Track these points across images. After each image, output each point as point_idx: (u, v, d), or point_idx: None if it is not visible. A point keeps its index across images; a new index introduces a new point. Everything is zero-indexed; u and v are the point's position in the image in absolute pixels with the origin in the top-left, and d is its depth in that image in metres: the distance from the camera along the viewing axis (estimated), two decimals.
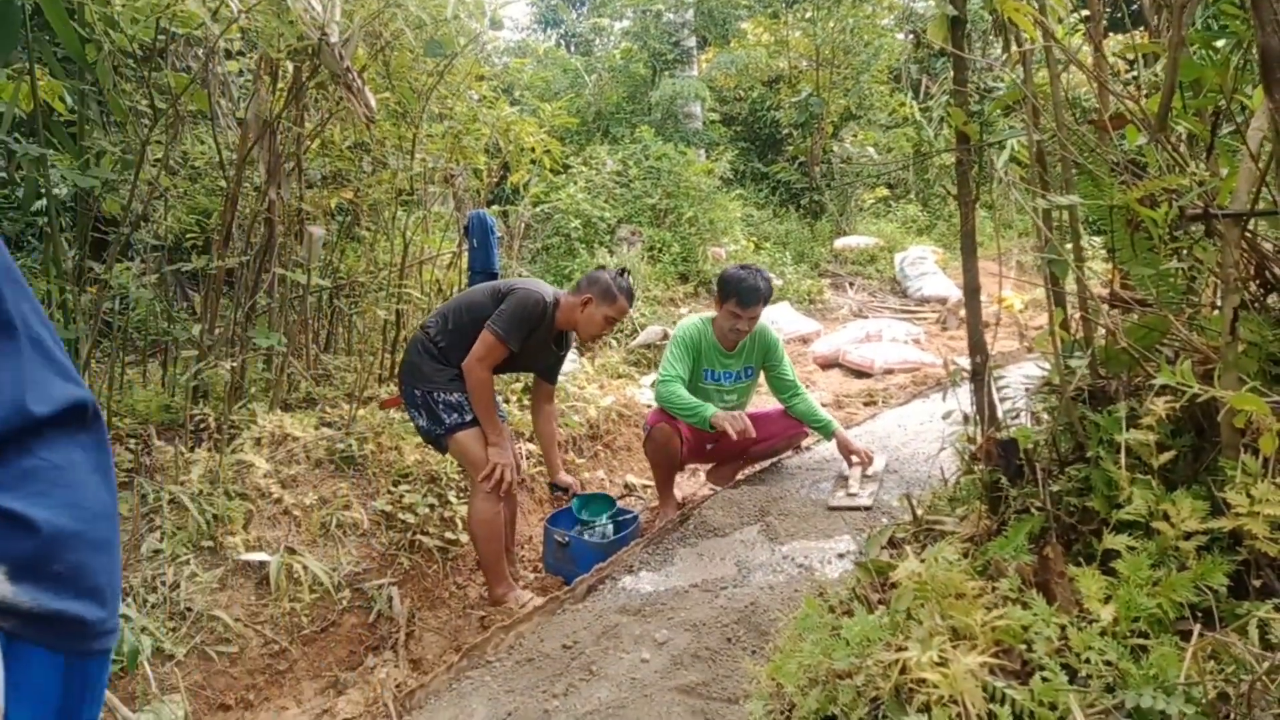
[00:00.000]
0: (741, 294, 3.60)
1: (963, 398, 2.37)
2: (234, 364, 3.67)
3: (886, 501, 3.55)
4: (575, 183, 8.76)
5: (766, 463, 4.18)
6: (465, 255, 4.63)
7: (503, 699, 2.48)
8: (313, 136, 4.24)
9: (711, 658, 2.56)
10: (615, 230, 8.60)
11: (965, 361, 2.43)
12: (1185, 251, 1.97)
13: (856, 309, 8.74)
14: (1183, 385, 1.47)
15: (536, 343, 3.23)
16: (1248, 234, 1.74)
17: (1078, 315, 2.10)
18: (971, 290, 2.28)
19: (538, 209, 8.07)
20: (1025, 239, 9.29)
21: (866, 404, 5.63)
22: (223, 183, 4.02)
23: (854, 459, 3.77)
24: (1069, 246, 1.94)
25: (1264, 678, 1.01)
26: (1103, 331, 2.05)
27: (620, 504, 3.86)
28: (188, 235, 4.57)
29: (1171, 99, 1.84)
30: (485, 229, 4.31)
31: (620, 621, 2.83)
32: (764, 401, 4.36)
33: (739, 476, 4.11)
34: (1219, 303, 1.75)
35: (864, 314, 8.47)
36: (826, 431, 3.87)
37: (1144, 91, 2.29)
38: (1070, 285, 2.17)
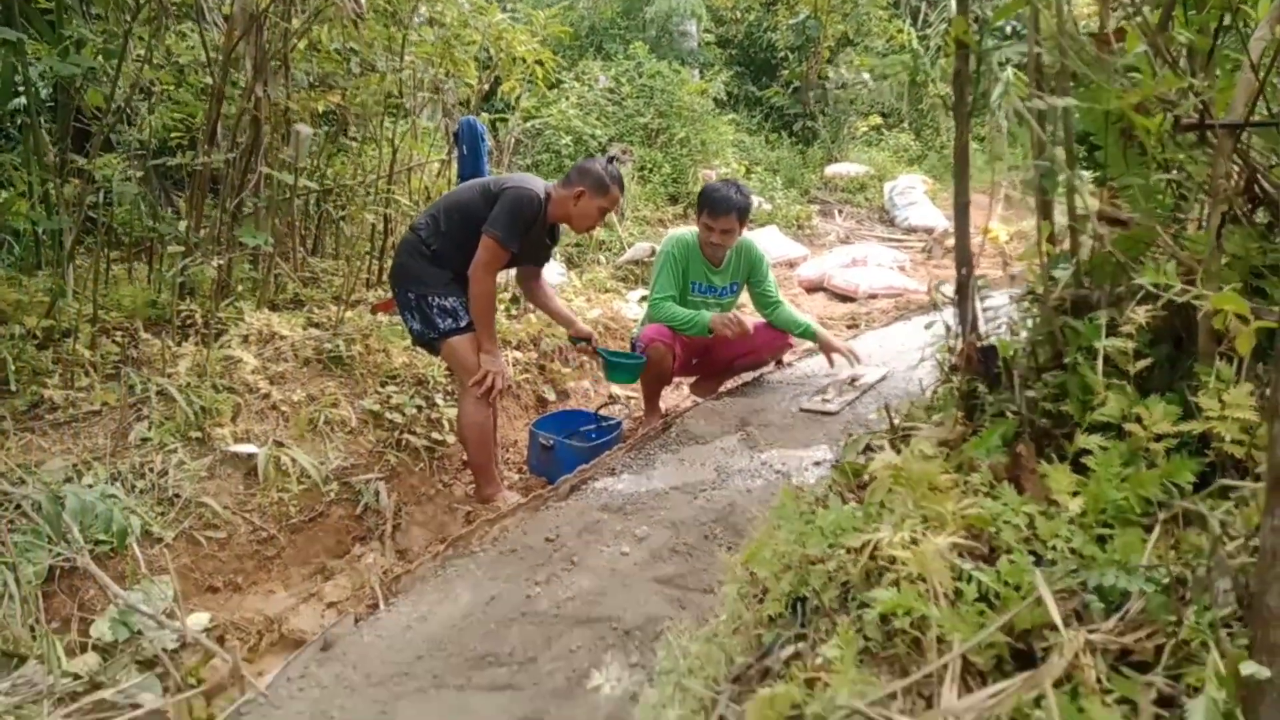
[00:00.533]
0: (713, 204, 3.62)
1: (946, 320, 2.41)
2: (220, 262, 3.64)
3: (864, 415, 3.63)
4: (567, 98, 8.59)
5: (749, 376, 4.24)
6: (455, 164, 4.56)
7: (486, 585, 2.56)
8: (300, 34, 4.11)
9: (689, 552, 2.65)
10: (606, 148, 8.48)
11: (949, 288, 2.46)
12: (1176, 167, 1.99)
13: (843, 235, 8.73)
14: (1163, 286, 1.50)
15: (532, 239, 3.20)
16: (1240, 146, 1.75)
17: (1065, 228, 2.12)
18: (961, 205, 2.28)
19: (528, 124, 7.93)
20: (1015, 172, 9.26)
21: (850, 327, 5.69)
22: (208, 79, 3.92)
23: (835, 357, 3.87)
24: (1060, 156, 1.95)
25: (1223, 551, 1.07)
26: (1088, 244, 2.08)
27: (604, 413, 3.92)
28: (173, 135, 4.47)
29: (1173, 7, 1.83)
30: (475, 135, 4.24)
31: (601, 518, 2.90)
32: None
33: (721, 390, 4.17)
34: (1206, 221, 1.78)
35: (851, 240, 8.47)
36: (809, 334, 3.94)
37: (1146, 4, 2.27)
38: (1059, 202, 2.19)
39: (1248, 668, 0.72)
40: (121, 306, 3.67)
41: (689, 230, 3.87)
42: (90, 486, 2.71)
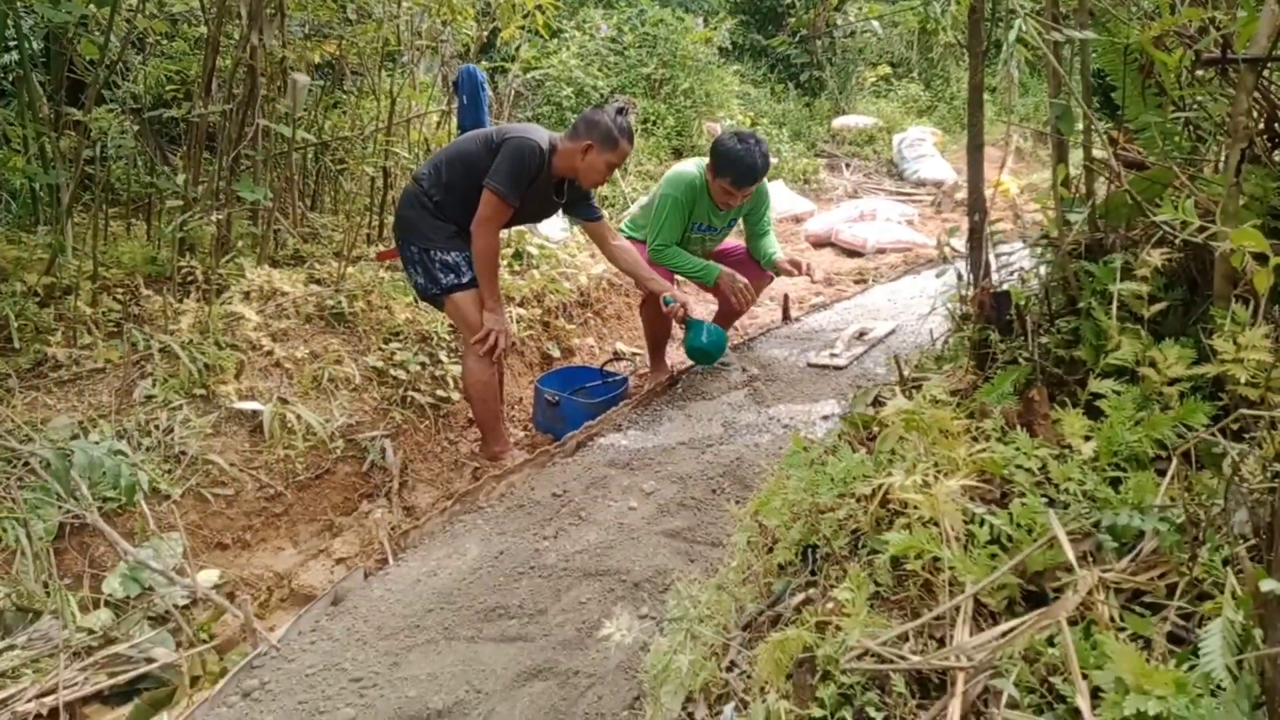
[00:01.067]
0: (737, 175, 3.46)
1: (958, 268, 2.37)
2: (219, 217, 3.60)
3: (872, 370, 3.61)
4: (568, 48, 8.44)
5: (756, 332, 4.21)
6: (455, 115, 4.49)
7: (494, 540, 2.57)
8: None
9: (697, 506, 2.65)
10: (608, 100, 8.35)
11: (959, 243, 2.42)
12: (1194, 105, 1.94)
13: (851, 190, 8.63)
14: (1180, 225, 1.46)
15: (537, 193, 3.10)
16: (1262, 82, 1.70)
17: (1081, 171, 2.08)
18: (975, 146, 2.23)
19: (528, 75, 7.80)
20: (1026, 124, 9.11)
21: (857, 282, 5.64)
22: (202, 29, 3.84)
23: (792, 271, 3.78)
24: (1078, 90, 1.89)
25: (1238, 482, 1.05)
26: (1104, 188, 2.04)
27: (609, 369, 3.90)
28: (167, 89, 4.40)
29: None
30: (475, 84, 4.16)
31: (609, 474, 2.90)
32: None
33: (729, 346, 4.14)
34: (1224, 162, 1.73)
35: (859, 195, 8.37)
36: (770, 264, 3.85)
37: None
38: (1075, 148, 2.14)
39: (1267, 584, 0.70)
40: (121, 263, 3.63)
41: (695, 169, 3.67)
42: (97, 444, 2.71)
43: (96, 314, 3.21)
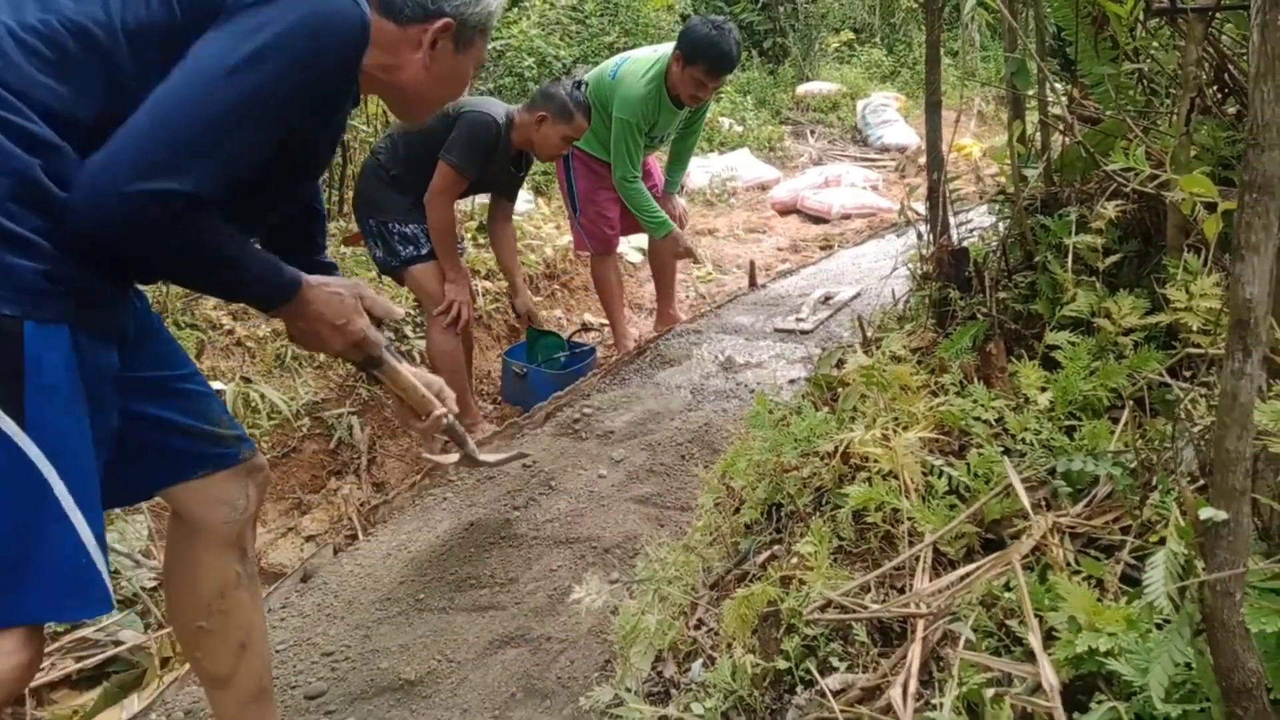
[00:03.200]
0: (711, 62, 3.27)
1: (918, 228, 2.38)
2: None
3: (838, 333, 3.63)
4: (528, 17, 8.31)
5: (724, 299, 4.22)
6: None
7: (465, 512, 2.57)
8: None
9: (666, 472, 2.66)
10: (571, 70, 8.25)
11: (921, 206, 2.43)
12: (1147, 56, 1.95)
13: (816, 157, 8.62)
14: (1132, 175, 1.48)
15: (495, 166, 3.10)
16: (1211, 32, 1.72)
17: (1037, 128, 2.09)
18: (933, 104, 2.24)
19: (489, 46, 7.68)
20: (988, 89, 9.14)
21: (823, 248, 5.66)
22: None
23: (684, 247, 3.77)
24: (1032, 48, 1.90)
25: (1186, 421, 1.07)
26: (1059, 142, 2.05)
27: (577, 340, 3.89)
28: None
29: None
30: None
31: (578, 443, 2.90)
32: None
33: (685, 318, 4.13)
34: (1176, 114, 1.75)
35: (823, 162, 8.37)
36: (673, 189, 3.89)
37: None
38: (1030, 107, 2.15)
39: (1206, 512, 0.72)
40: None
41: (642, 84, 3.39)
42: None
43: None
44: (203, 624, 1.45)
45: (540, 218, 5.06)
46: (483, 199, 4.75)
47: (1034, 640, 0.89)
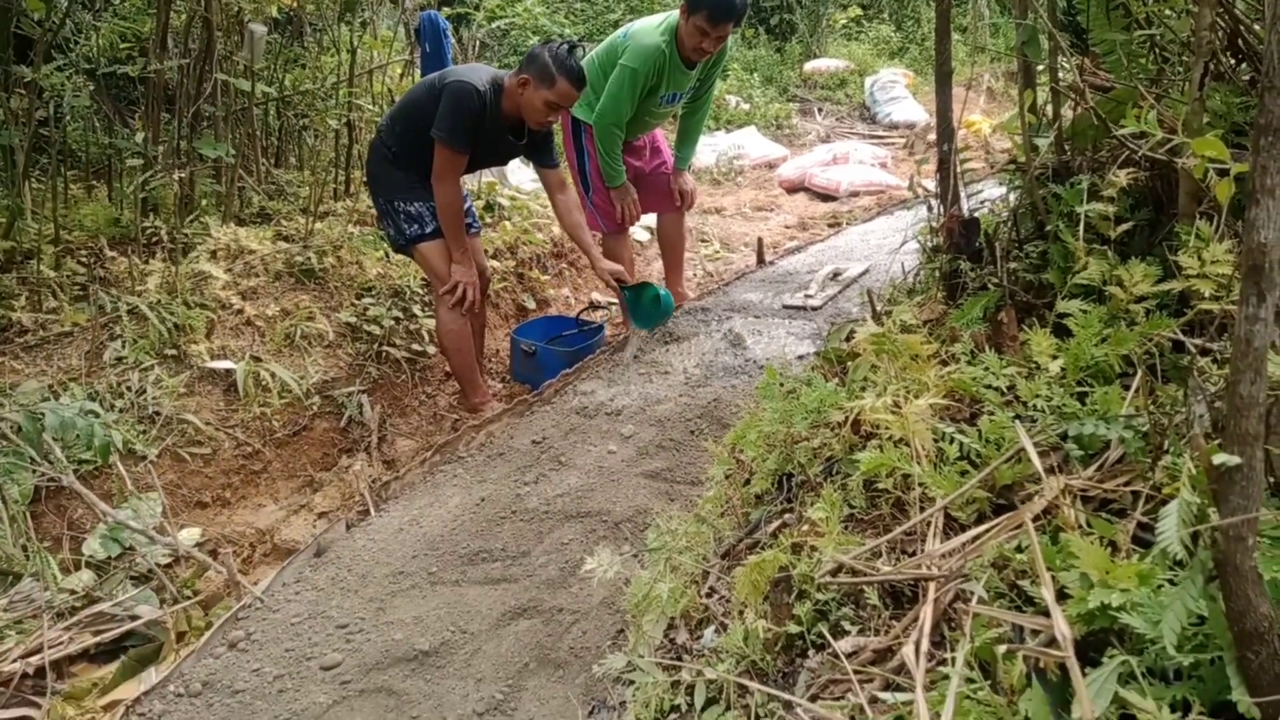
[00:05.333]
0: (713, 9, 3.13)
1: (929, 200, 2.37)
2: (181, 176, 3.53)
3: (847, 310, 3.62)
4: None
5: (732, 276, 4.21)
6: (419, 67, 4.39)
7: (475, 488, 2.58)
8: None
9: (675, 448, 2.67)
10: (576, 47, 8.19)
11: (930, 182, 2.41)
12: (1159, 22, 1.93)
13: (824, 134, 8.57)
14: (1144, 140, 1.46)
15: (489, 135, 3.00)
16: None
17: (1049, 97, 2.07)
18: (943, 74, 2.22)
19: (493, 25, 7.63)
20: (997, 64, 9.06)
21: (831, 225, 5.63)
22: None
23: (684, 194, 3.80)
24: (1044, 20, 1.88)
25: (1199, 379, 1.07)
26: (1071, 112, 2.03)
27: (585, 319, 3.89)
28: (122, 48, 4.26)
29: None
30: (438, 31, 4.06)
31: (588, 420, 2.91)
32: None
33: (694, 295, 4.12)
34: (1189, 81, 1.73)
35: (831, 139, 8.32)
36: (683, 165, 3.85)
37: None
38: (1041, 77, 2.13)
39: (1219, 457, 0.72)
40: (84, 226, 3.56)
41: (657, 34, 3.31)
42: (68, 405, 2.67)
43: (60, 277, 3.15)
44: None
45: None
46: (489, 176, 4.76)
47: (1047, 594, 0.90)
